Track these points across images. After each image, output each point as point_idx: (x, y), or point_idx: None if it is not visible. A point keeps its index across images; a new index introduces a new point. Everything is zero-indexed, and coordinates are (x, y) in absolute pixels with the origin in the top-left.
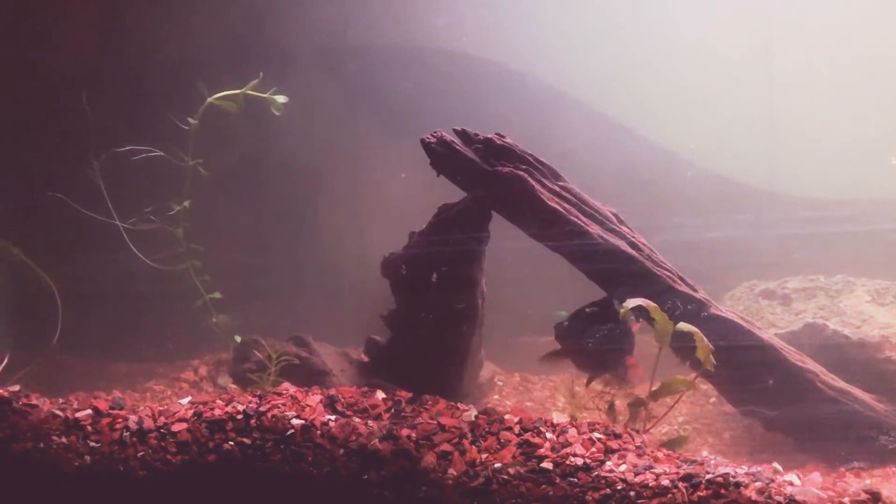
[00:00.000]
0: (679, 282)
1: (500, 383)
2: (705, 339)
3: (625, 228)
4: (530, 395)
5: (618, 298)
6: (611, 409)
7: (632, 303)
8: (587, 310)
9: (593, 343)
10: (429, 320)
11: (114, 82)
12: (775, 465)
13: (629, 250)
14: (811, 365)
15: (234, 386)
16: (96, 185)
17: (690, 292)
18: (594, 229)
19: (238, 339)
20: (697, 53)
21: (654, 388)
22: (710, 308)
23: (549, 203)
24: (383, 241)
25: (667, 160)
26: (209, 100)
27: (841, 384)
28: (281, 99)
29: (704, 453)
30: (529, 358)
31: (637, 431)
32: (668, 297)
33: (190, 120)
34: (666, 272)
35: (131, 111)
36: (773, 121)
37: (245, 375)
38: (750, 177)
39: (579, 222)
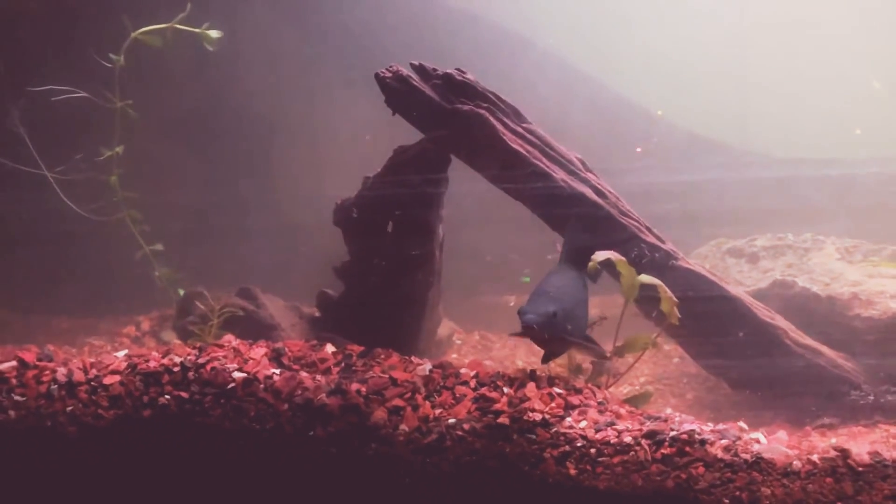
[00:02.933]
0: (645, 231)
1: (458, 342)
2: (669, 291)
3: (590, 175)
4: (490, 353)
5: (579, 244)
6: (577, 368)
7: (601, 256)
8: (549, 291)
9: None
10: (382, 268)
11: (46, 20)
12: (741, 423)
13: (594, 196)
14: (780, 321)
15: (178, 342)
16: (19, 135)
17: (657, 242)
18: (558, 174)
19: (182, 292)
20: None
21: (617, 345)
22: (677, 259)
23: (512, 144)
24: (339, 191)
25: (631, 112)
26: (133, 35)
27: (808, 341)
28: (214, 34)
29: (668, 410)
30: (489, 316)
31: (598, 387)
32: (633, 246)
33: (112, 56)
34: (632, 221)
35: (62, 50)
36: (744, 78)
37: (188, 329)
38: (720, 133)
39: (542, 165)
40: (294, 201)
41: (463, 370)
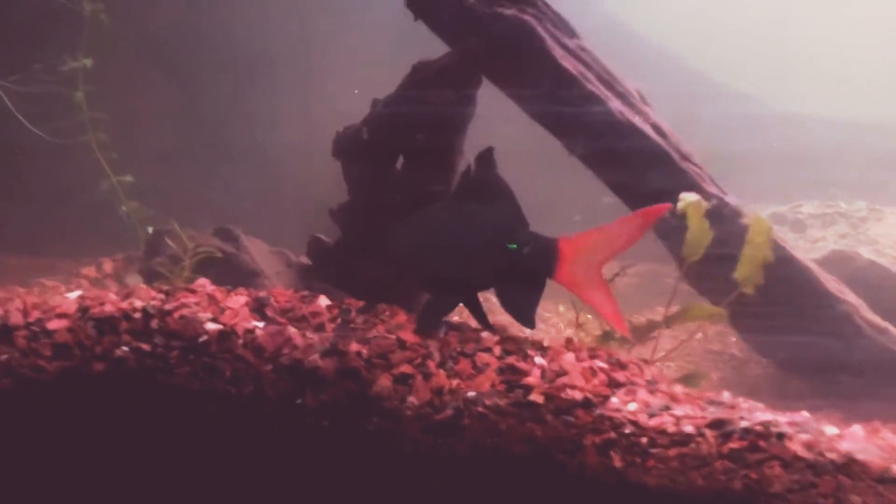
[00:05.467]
0: (708, 180)
1: None
2: (760, 251)
3: (648, 110)
4: (493, 316)
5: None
6: (605, 335)
7: (689, 196)
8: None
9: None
10: (394, 206)
11: None
12: (804, 413)
13: (654, 134)
14: (850, 296)
15: (144, 286)
16: None
17: (721, 194)
18: (614, 104)
19: (151, 230)
20: None
21: (670, 313)
22: (741, 216)
23: (562, 62)
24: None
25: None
26: None
27: (882, 322)
28: None
29: (726, 395)
30: None
31: (646, 362)
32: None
33: None
34: (694, 167)
35: None
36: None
37: (157, 272)
38: (758, 92)
39: (596, 91)
40: (282, 144)
41: (485, 334)
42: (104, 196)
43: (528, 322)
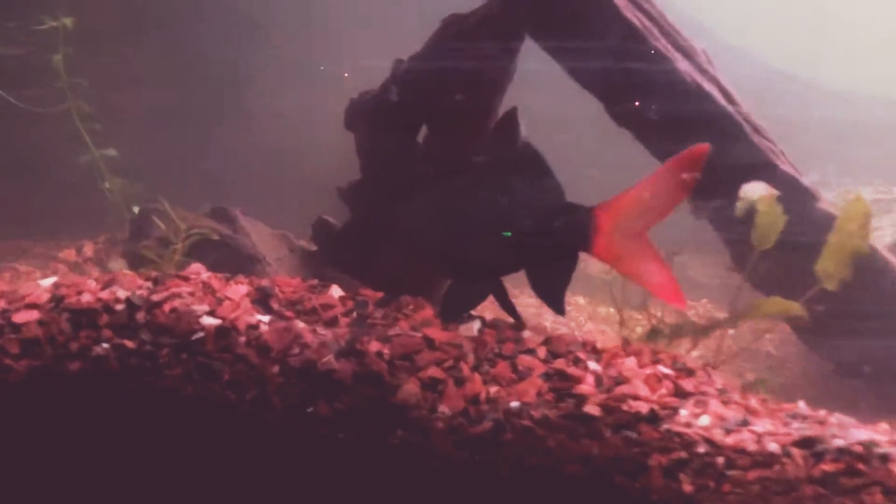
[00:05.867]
0: (782, 157)
1: None
2: (851, 240)
3: (715, 72)
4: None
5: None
6: (653, 332)
7: (754, 189)
8: None
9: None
10: (421, 180)
11: None
12: (884, 425)
13: (723, 101)
14: None
15: (128, 272)
16: None
17: (795, 174)
18: (681, 64)
19: (137, 210)
20: None
21: (734, 311)
22: (817, 200)
23: (624, 12)
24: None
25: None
26: None
27: None
28: None
29: (801, 404)
30: None
31: (714, 367)
32: (768, 178)
33: None
34: (767, 142)
35: None
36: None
37: (143, 256)
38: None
39: (662, 48)
40: (280, 115)
41: (526, 334)
42: (86, 171)
43: (558, 307)
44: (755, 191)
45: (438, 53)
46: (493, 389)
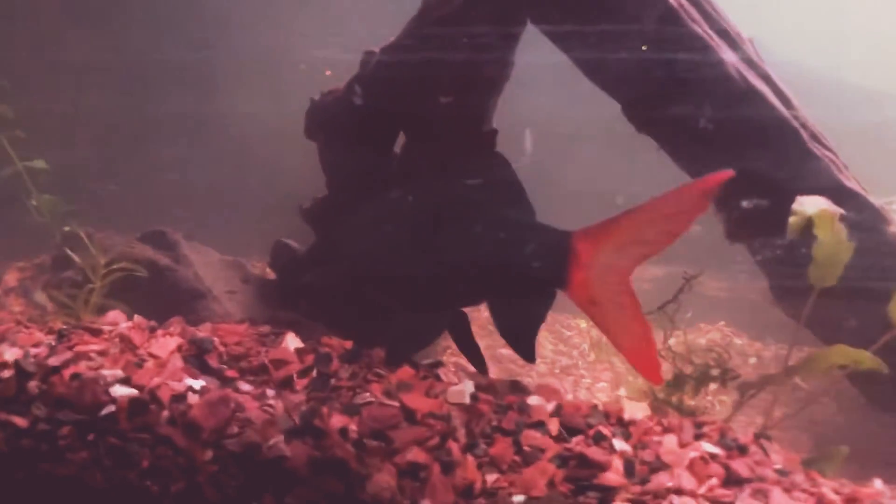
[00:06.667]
0: (844, 170)
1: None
2: None
3: (766, 67)
4: (495, 349)
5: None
6: (676, 379)
7: (808, 204)
8: None
9: None
10: (398, 201)
11: None
12: None
13: (775, 100)
14: None
15: (35, 319)
16: None
17: (862, 192)
18: (727, 55)
19: (68, 230)
20: None
21: (791, 363)
22: (889, 223)
23: None
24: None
25: None
26: None
27: None
28: None
29: (878, 483)
30: None
31: (768, 439)
32: (832, 196)
33: None
34: (827, 152)
35: None
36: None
37: (65, 289)
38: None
39: (703, 34)
40: (245, 118)
41: (533, 399)
42: (9, 185)
43: (527, 353)
44: (812, 205)
45: (417, 43)
46: (492, 478)
